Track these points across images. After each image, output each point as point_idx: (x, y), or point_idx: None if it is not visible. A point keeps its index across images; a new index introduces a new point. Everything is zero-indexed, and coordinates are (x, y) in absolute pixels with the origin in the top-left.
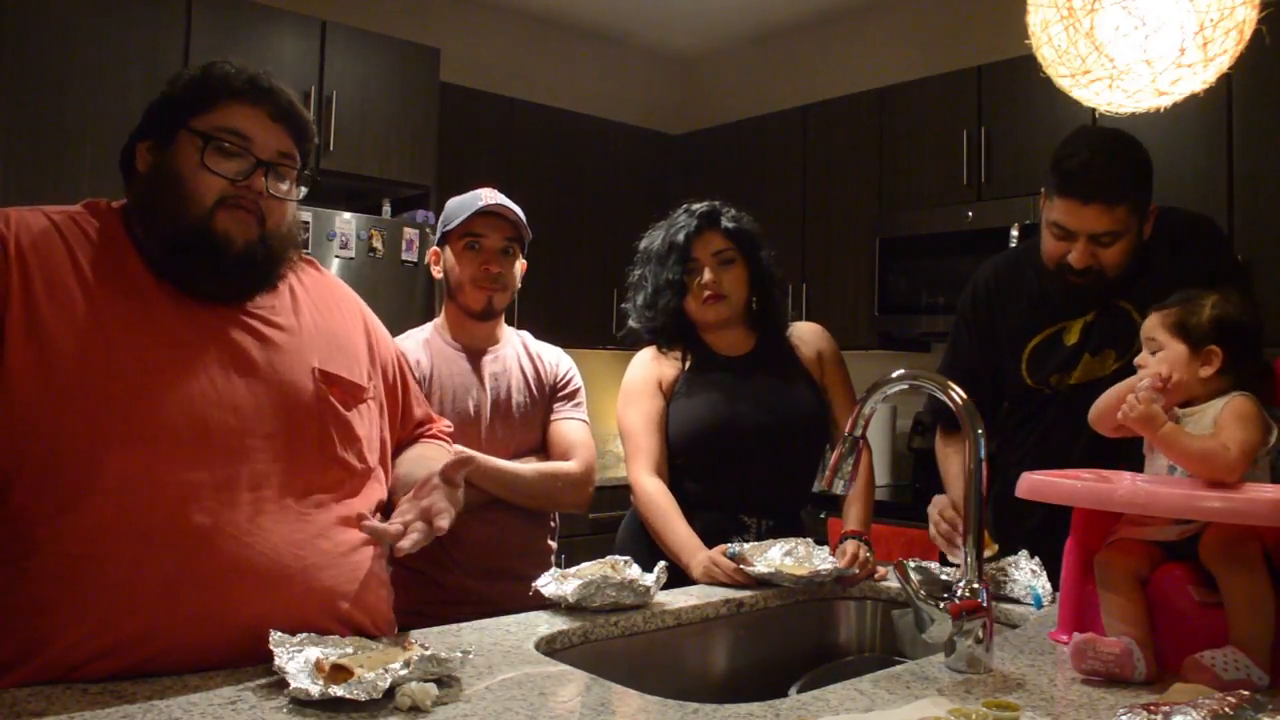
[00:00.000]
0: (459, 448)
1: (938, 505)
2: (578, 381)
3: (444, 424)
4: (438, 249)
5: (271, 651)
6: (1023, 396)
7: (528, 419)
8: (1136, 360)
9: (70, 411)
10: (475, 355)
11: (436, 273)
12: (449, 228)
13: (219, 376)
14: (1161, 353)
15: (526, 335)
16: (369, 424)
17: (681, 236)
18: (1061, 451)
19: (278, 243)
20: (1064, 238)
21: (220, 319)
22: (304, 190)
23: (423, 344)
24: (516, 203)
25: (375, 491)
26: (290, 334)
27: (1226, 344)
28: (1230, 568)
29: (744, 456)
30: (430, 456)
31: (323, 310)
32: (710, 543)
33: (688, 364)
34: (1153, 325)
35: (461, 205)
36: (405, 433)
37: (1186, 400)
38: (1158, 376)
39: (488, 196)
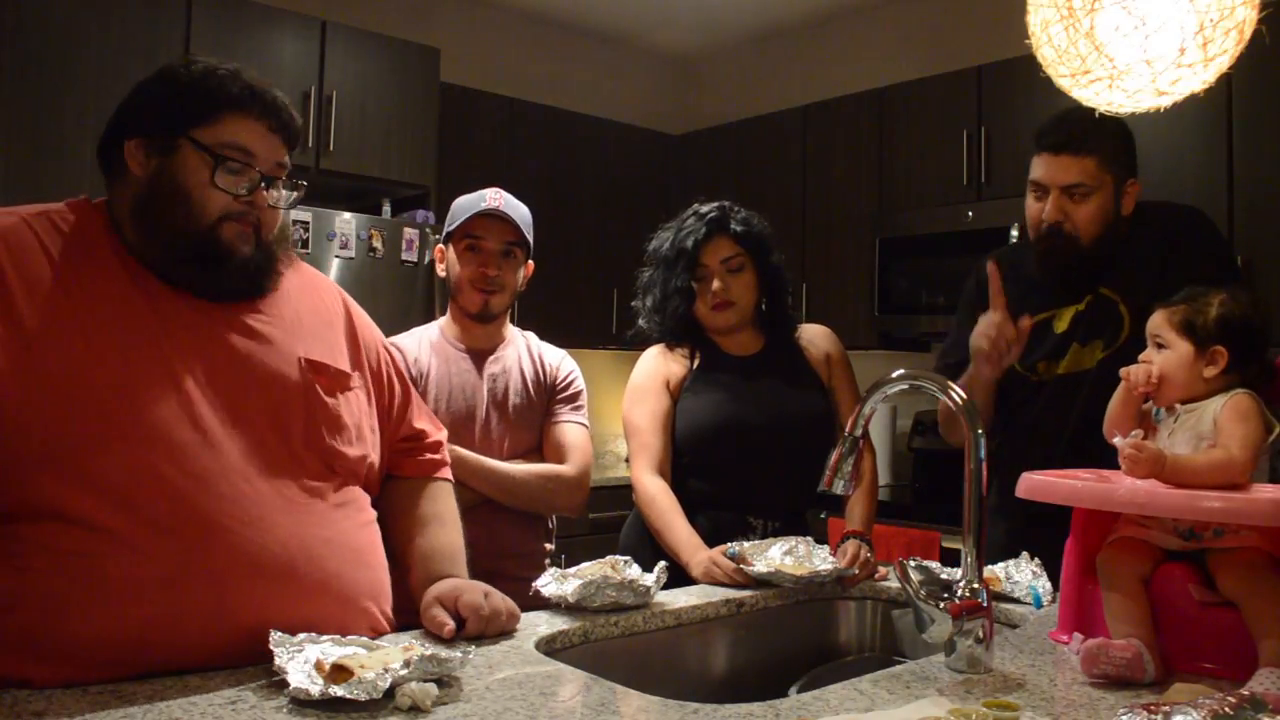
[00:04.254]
0: (451, 447)
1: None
2: (579, 385)
3: (442, 434)
4: (442, 247)
5: (271, 651)
6: (1011, 384)
7: (525, 420)
8: (1141, 356)
9: (60, 409)
10: (476, 355)
11: (441, 270)
12: (452, 227)
13: (204, 371)
14: (1167, 352)
15: (532, 336)
16: (356, 411)
17: (690, 243)
18: (1049, 441)
19: (272, 250)
20: (1040, 195)
21: (202, 313)
22: (294, 196)
23: (423, 341)
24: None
25: (365, 479)
26: (274, 324)
27: (1232, 344)
28: (1255, 594)
29: (751, 457)
30: (455, 557)
31: (303, 298)
32: (716, 543)
33: (696, 363)
34: (1159, 323)
35: (465, 205)
36: (402, 433)
37: (1187, 398)
38: (1130, 444)
39: (491, 199)
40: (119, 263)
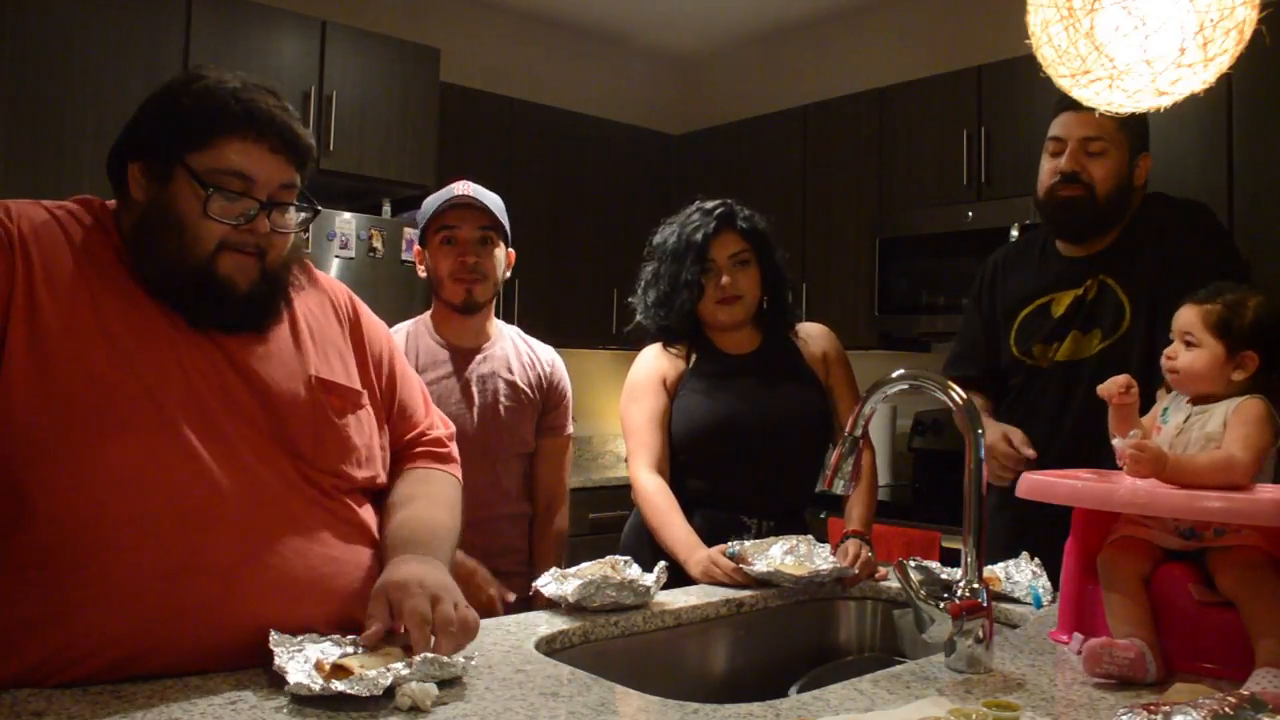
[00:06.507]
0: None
1: (995, 431)
2: (566, 385)
3: (448, 430)
4: (420, 248)
5: (271, 651)
6: (1011, 370)
7: (517, 421)
8: (1167, 351)
9: (68, 408)
10: (464, 354)
11: (421, 271)
12: (425, 224)
13: (213, 381)
14: (1198, 350)
15: (518, 331)
16: (367, 431)
17: (699, 237)
18: (1049, 429)
19: (278, 273)
20: (1057, 152)
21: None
22: (304, 216)
23: (411, 340)
24: (516, 202)
25: (374, 500)
26: (283, 342)
27: (1263, 350)
28: (1254, 594)
29: (747, 455)
30: (424, 538)
31: (315, 309)
32: (711, 541)
33: (693, 361)
34: (1191, 320)
35: (435, 200)
36: (405, 429)
37: (1207, 395)
38: (1131, 444)
39: (460, 189)
40: (131, 271)
